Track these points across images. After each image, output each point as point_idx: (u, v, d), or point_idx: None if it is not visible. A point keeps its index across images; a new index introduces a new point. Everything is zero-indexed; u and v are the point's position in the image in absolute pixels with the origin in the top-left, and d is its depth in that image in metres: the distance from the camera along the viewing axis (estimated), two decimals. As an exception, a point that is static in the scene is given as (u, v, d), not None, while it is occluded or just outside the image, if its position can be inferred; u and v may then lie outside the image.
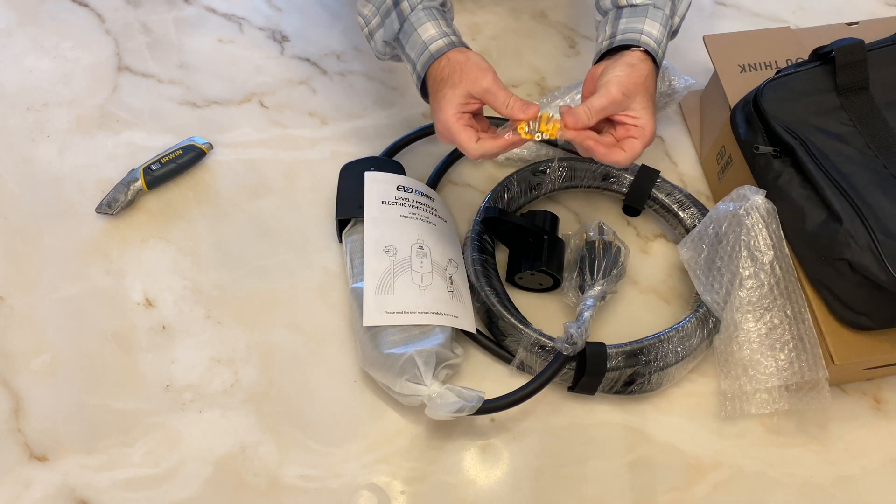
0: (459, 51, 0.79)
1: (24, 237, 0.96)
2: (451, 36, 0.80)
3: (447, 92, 0.77)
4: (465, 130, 0.76)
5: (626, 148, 0.76)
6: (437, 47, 0.79)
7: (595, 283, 0.87)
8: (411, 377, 0.79)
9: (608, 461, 0.85)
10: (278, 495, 0.82)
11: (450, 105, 0.76)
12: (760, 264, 0.82)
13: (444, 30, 0.80)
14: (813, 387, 0.82)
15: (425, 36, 0.80)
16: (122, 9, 1.16)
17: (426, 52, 0.79)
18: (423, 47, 0.80)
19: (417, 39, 0.80)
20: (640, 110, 0.76)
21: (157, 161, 0.99)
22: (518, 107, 0.76)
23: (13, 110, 1.06)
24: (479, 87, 0.76)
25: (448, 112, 0.76)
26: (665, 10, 0.80)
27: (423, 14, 0.81)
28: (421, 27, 0.80)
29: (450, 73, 0.77)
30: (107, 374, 0.88)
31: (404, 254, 0.87)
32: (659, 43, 0.79)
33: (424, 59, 0.80)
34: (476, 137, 0.77)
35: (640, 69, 0.76)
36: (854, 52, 0.87)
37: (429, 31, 0.80)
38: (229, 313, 0.92)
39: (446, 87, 0.77)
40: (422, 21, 0.80)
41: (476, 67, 0.77)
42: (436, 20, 0.80)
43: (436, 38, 0.79)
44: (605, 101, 0.74)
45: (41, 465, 0.83)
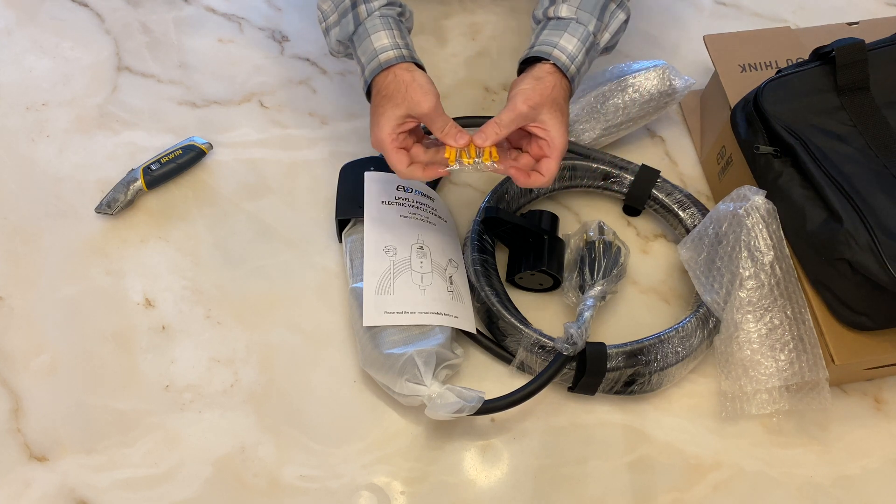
0: (407, 68, 0.79)
1: (23, 237, 0.96)
2: (402, 49, 0.81)
3: (387, 110, 0.78)
4: (397, 153, 0.78)
5: (543, 171, 0.79)
6: (386, 58, 0.80)
7: (595, 283, 0.87)
8: (411, 377, 0.79)
9: (608, 461, 0.85)
10: (278, 495, 0.82)
11: (388, 124, 0.78)
12: (761, 264, 0.82)
13: (396, 41, 0.81)
14: (813, 387, 0.82)
15: (377, 44, 0.81)
16: (122, 9, 1.16)
17: (376, 60, 0.80)
18: (373, 55, 0.81)
19: (369, 46, 0.81)
20: (548, 122, 0.78)
21: (157, 161, 0.99)
22: (452, 135, 0.78)
23: (13, 110, 1.06)
24: (419, 109, 0.77)
25: (385, 131, 0.78)
26: (588, 27, 0.82)
27: (378, 21, 0.82)
28: (374, 34, 0.81)
29: (394, 90, 0.78)
30: (107, 374, 0.88)
31: (404, 254, 0.87)
32: (572, 58, 0.81)
33: (373, 66, 0.80)
34: (407, 161, 0.79)
35: (546, 81, 0.78)
36: (854, 51, 0.87)
37: (382, 40, 0.81)
38: (229, 313, 0.92)
39: (388, 105, 0.78)
40: (376, 28, 0.81)
41: (420, 89, 0.77)
42: (390, 30, 0.81)
43: (387, 48, 0.80)
44: (511, 114, 0.77)
45: (41, 465, 0.83)
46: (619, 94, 0.98)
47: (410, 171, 0.79)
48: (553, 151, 0.78)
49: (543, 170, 0.79)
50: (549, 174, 0.79)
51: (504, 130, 0.77)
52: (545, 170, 0.79)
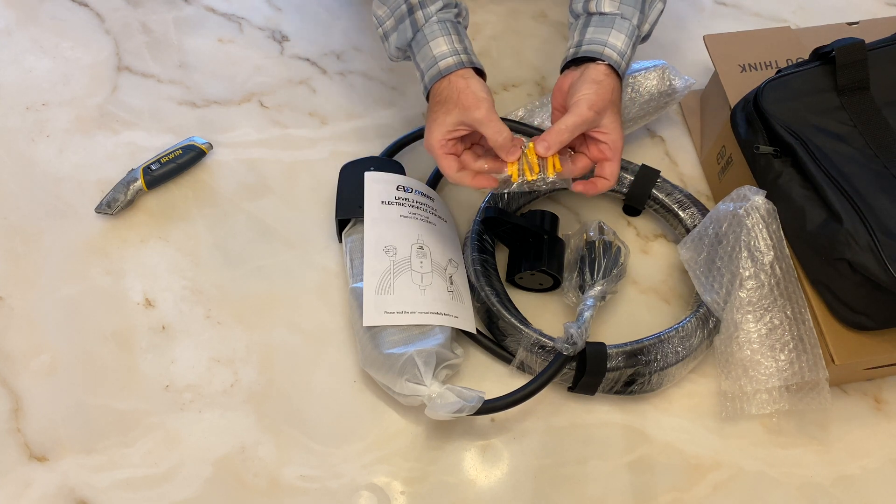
0: (462, 74, 0.79)
1: (23, 237, 0.96)
2: (461, 54, 0.80)
3: (440, 116, 0.78)
4: (446, 158, 0.79)
5: (608, 174, 0.79)
6: (445, 65, 0.79)
7: (595, 283, 0.87)
8: (411, 377, 0.79)
9: (608, 461, 0.85)
10: (278, 495, 0.82)
11: (439, 130, 0.78)
12: (761, 265, 0.82)
13: (455, 46, 0.80)
14: (813, 387, 0.82)
15: (436, 51, 0.80)
16: (122, 9, 1.16)
17: (435, 67, 0.80)
18: (432, 62, 0.80)
19: (428, 53, 0.81)
20: (609, 125, 0.78)
21: (157, 161, 0.99)
22: (505, 148, 0.77)
23: (13, 110, 1.06)
24: (471, 116, 0.77)
25: (436, 137, 0.78)
26: (633, 21, 0.81)
27: (437, 27, 0.81)
28: (433, 41, 0.81)
29: (447, 96, 0.78)
30: (107, 374, 0.88)
31: (404, 254, 0.87)
32: (623, 55, 0.80)
33: (432, 73, 0.80)
34: (457, 167, 0.79)
35: (606, 85, 0.78)
36: (854, 51, 0.87)
37: (440, 46, 0.80)
38: (229, 313, 0.92)
39: (440, 111, 0.78)
40: (435, 35, 0.81)
41: (473, 96, 0.77)
42: (448, 35, 0.81)
43: (446, 55, 0.80)
44: (578, 119, 0.76)
45: (41, 465, 0.83)
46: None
47: (460, 176, 0.79)
48: (615, 154, 0.78)
49: (608, 174, 0.79)
50: (614, 177, 0.79)
51: (569, 137, 0.76)
52: (609, 173, 0.79)
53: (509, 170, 0.78)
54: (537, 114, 1.01)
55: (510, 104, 1.08)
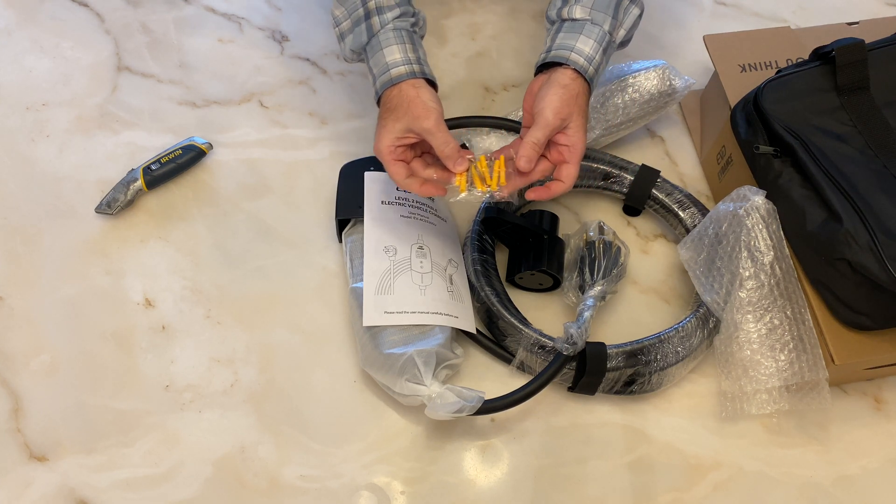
0: (413, 84, 0.80)
1: (23, 237, 0.96)
2: (413, 64, 0.82)
3: (389, 123, 0.79)
4: (395, 164, 0.80)
5: (564, 177, 0.79)
6: (397, 73, 0.81)
7: (595, 283, 0.87)
8: (411, 377, 0.79)
9: (608, 461, 0.85)
10: (278, 495, 0.82)
11: (388, 136, 0.79)
12: (760, 265, 0.82)
13: (408, 55, 0.82)
14: (813, 387, 0.82)
15: (389, 59, 0.82)
16: (122, 9, 1.16)
17: (387, 74, 0.81)
18: (385, 68, 0.82)
19: (381, 59, 0.82)
20: (573, 129, 0.79)
21: (157, 161, 0.99)
22: (452, 158, 0.78)
23: (13, 110, 1.06)
24: (420, 125, 0.78)
25: (384, 142, 0.79)
26: (604, 26, 0.82)
27: (392, 35, 0.83)
28: (387, 48, 0.82)
29: (397, 104, 0.80)
30: (107, 374, 0.88)
31: (404, 254, 0.87)
32: (590, 60, 0.80)
33: (384, 80, 0.81)
34: (405, 173, 0.80)
35: (571, 89, 0.79)
36: (854, 51, 0.87)
37: (394, 54, 0.82)
38: (229, 313, 0.92)
39: (390, 118, 0.80)
40: (389, 42, 0.82)
41: (423, 106, 0.78)
42: (403, 44, 0.82)
43: (399, 63, 0.81)
44: (546, 130, 0.77)
45: (41, 465, 0.83)
46: (619, 94, 0.98)
47: (408, 182, 0.80)
48: (574, 158, 0.79)
49: (564, 176, 0.79)
50: (571, 180, 0.79)
51: (542, 148, 0.78)
52: (566, 176, 0.79)
53: (457, 180, 0.79)
54: (537, 114, 1.01)
55: (510, 104, 1.08)
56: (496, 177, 0.79)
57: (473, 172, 0.79)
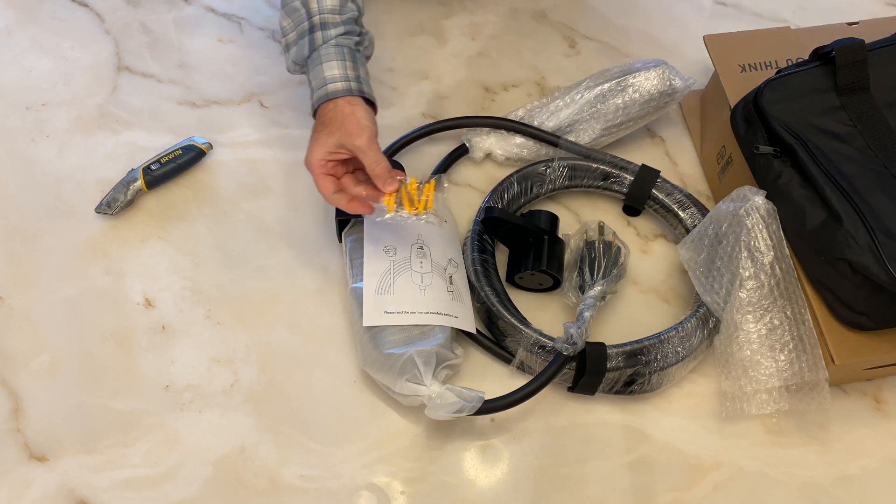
0: (349, 101, 0.81)
1: (23, 237, 0.96)
2: (351, 81, 0.82)
3: (322, 137, 0.80)
4: (324, 178, 0.81)
5: None
6: (333, 88, 0.81)
7: (595, 283, 0.87)
8: (411, 377, 0.79)
9: (608, 461, 0.84)
10: (278, 495, 0.82)
11: (319, 150, 0.80)
12: (760, 265, 0.82)
13: (347, 72, 0.83)
14: (813, 387, 0.82)
15: (327, 73, 0.82)
16: (122, 9, 1.16)
17: (324, 88, 0.82)
18: (322, 83, 0.82)
19: (320, 73, 0.83)
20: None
21: (157, 161, 0.99)
22: (382, 178, 0.80)
23: (13, 110, 1.06)
24: (352, 143, 0.79)
25: (315, 156, 0.80)
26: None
27: (333, 51, 0.83)
28: (327, 63, 0.83)
29: (332, 119, 0.81)
30: (107, 374, 0.88)
31: (404, 254, 0.87)
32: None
33: (321, 94, 0.82)
34: (334, 188, 0.81)
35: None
36: (854, 52, 0.87)
37: (333, 69, 0.82)
38: (229, 313, 0.92)
39: (324, 132, 0.81)
40: (330, 58, 0.83)
41: (357, 123, 0.79)
42: (343, 60, 0.83)
43: (336, 79, 0.82)
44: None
45: (41, 465, 0.83)
46: (619, 94, 0.98)
47: (336, 198, 0.81)
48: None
49: None
50: None
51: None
52: None
53: (385, 200, 0.80)
54: (537, 114, 1.01)
55: (510, 104, 1.08)
56: (424, 200, 0.81)
57: (403, 193, 0.81)
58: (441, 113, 1.08)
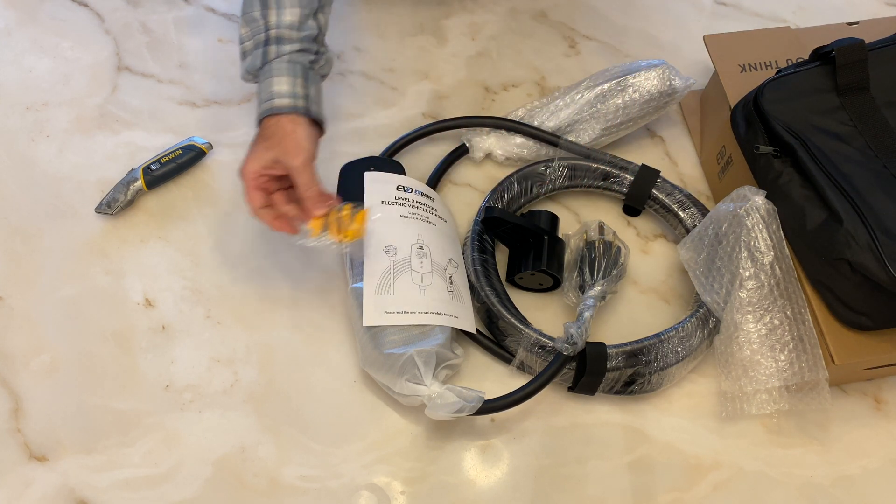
0: (293, 119, 0.80)
1: (23, 237, 0.96)
2: (298, 99, 0.81)
3: (260, 150, 0.80)
4: (254, 191, 0.81)
5: None
6: (279, 104, 0.81)
7: (595, 283, 0.87)
8: (411, 377, 0.79)
9: (608, 461, 0.85)
10: (278, 495, 0.82)
11: (255, 163, 0.80)
12: (760, 265, 0.82)
13: (296, 89, 0.81)
14: (813, 387, 0.82)
15: (276, 88, 0.81)
16: (122, 9, 1.16)
17: (270, 102, 0.81)
18: (269, 96, 0.81)
19: (269, 86, 0.82)
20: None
21: (157, 161, 0.99)
22: (313, 200, 0.80)
23: (13, 110, 1.06)
24: (288, 161, 0.79)
25: (250, 167, 0.80)
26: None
27: (285, 66, 0.82)
28: (277, 77, 0.82)
29: (272, 133, 0.80)
30: (107, 374, 0.88)
31: (404, 254, 0.87)
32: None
33: (265, 108, 0.81)
34: (262, 202, 0.81)
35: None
36: (854, 51, 0.87)
37: (282, 84, 0.81)
38: (229, 313, 0.92)
39: (262, 146, 0.80)
40: (281, 72, 0.82)
41: (295, 143, 0.79)
42: (294, 77, 0.82)
43: (283, 95, 0.81)
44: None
45: (41, 465, 0.83)
46: (619, 94, 0.98)
47: (262, 212, 0.81)
48: None
49: None
50: None
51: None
52: None
53: (312, 223, 0.80)
54: (537, 114, 1.01)
55: (510, 104, 1.08)
56: (354, 228, 0.81)
57: (332, 219, 0.81)
58: (441, 113, 1.08)
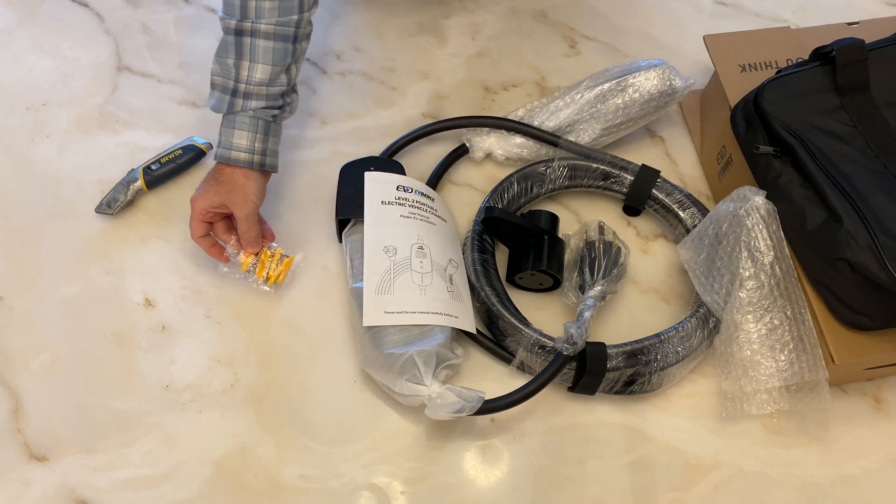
0: (245, 174, 0.88)
1: (24, 237, 0.96)
2: (255, 155, 0.88)
3: (211, 191, 0.87)
4: (199, 223, 0.88)
5: None
6: (236, 157, 0.87)
7: (595, 283, 0.87)
8: (411, 377, 0.79)
9: (608, 461, 0.85)
10: (278, 495, 0.82)
11: (204, 201, 0.87)
12: (761, 265, 0.82)
13: (254, 145, 0.88)
14: (813, 387, 0.82)
15: (235, 141, 0.87)
16: (122, 9, 1.16)
17: (228, 151, 0.87)
18: (228, 146, 0.88)
19: (230, 137, 0.88)
20: None
21: (157, 161, 0.99)
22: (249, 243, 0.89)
23: (13, 110, 1.06)
24: (235, 210, 0.87)
25: (199, 204, 0.87)
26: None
27: (248, 121, 0.88)
28: (238, 131, 0.87)
29: (225, 181, 0.87)
30: (107, 374, 0.88)
31: (404, 254, 0.87)
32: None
33: (223, 154, 0.88)
34: (202, 233, 0.89)
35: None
36: (854, 51, 0.87)
37: (241, 139, 0.87)
38: (229, 313, 0.92)
39: (214, 188, 0.88)
40: (243, 127, 0.87)
41: (244, 197, 0.87)
42: (255, 133, 0.88)
43: (242, 149, 0.87)
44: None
45: (41, 465, 0.83)
46: (619, 94, 0.98)
47: (200, 241, 0.89)
48: None
49: None
50: None
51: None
52: None
53: (243, 259, 0.90)
54: (537, 114, 1.01)
55: (510, 104, 1.08)
56: (277, 273, 0.90)
57: (264, 258, 0.90)
58: (441, 113, 1.08)
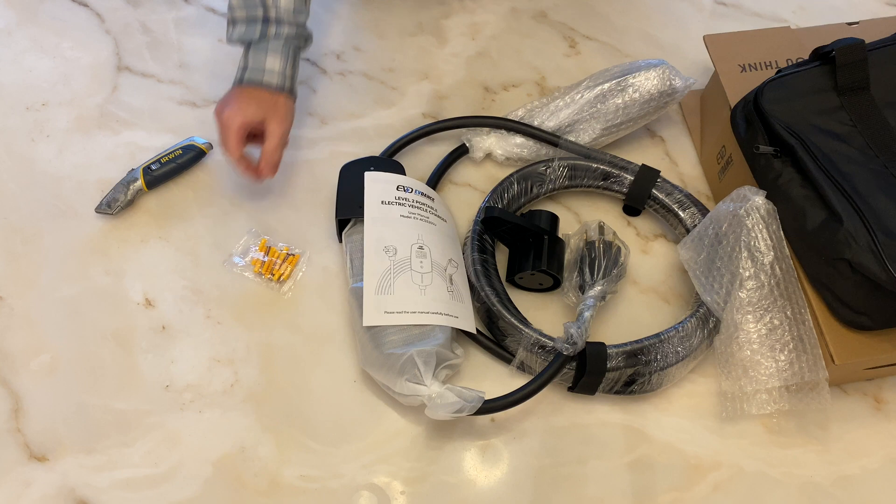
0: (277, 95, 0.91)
1: (23, 237, 0.96)
2: (287, 79, 0.92)
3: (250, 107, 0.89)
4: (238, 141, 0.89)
5: None
6: (268, 80, 0.91)
7: (595, 283, 0.87)
8: (411, 377, 0.79)
9: (608, 461, 0.85)
10: (278, 495, 0.82)
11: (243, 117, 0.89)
12: (761, 265, 0.82)
13: (286, 70, 0.92)
14: (813, 387, 0.82)
15: (268, 65, 0.91)
16: (122, 9, 1.16)
17: (261, 73, 0.91)
18: (261, 70, 0.91)
19: (261, 61, 0.91)
20: None
21: (157, 161, 0.99)
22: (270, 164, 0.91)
23: (13, 110, 1.06)
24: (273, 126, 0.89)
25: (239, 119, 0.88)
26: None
27: (280, 46, 0.92)
28: (271, 55, 0.92)
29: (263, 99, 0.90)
30: (107, 374, 0.88)
31: (404, 254, 0.87)
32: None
33: (254, 77, 0.91)
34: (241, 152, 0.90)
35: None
36: (854, 51, 0.87)
37: (275, 64, 0.92)
38: (229, 313, 0.92)
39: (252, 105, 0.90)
40: (276, 52, 0.92)
41: (284, 113, 0.91)
42: (287, 59, 0.92)
43: (275, 72, 0.92)
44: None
45: (41, 465, 0.83)
46: (619, 94, 0.98)
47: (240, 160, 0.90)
48: None
49: None
50: None
51: None
52: None
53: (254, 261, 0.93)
54: (537, 114, 1.01)
55: (510, 104, 1.08)
56: (285, 270, 0.93)
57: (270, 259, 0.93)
58: (441, 113, 1.08)
